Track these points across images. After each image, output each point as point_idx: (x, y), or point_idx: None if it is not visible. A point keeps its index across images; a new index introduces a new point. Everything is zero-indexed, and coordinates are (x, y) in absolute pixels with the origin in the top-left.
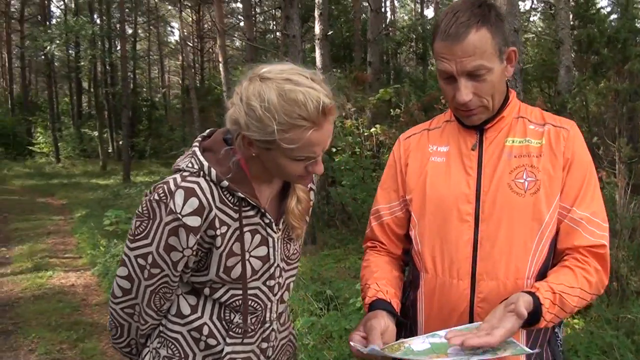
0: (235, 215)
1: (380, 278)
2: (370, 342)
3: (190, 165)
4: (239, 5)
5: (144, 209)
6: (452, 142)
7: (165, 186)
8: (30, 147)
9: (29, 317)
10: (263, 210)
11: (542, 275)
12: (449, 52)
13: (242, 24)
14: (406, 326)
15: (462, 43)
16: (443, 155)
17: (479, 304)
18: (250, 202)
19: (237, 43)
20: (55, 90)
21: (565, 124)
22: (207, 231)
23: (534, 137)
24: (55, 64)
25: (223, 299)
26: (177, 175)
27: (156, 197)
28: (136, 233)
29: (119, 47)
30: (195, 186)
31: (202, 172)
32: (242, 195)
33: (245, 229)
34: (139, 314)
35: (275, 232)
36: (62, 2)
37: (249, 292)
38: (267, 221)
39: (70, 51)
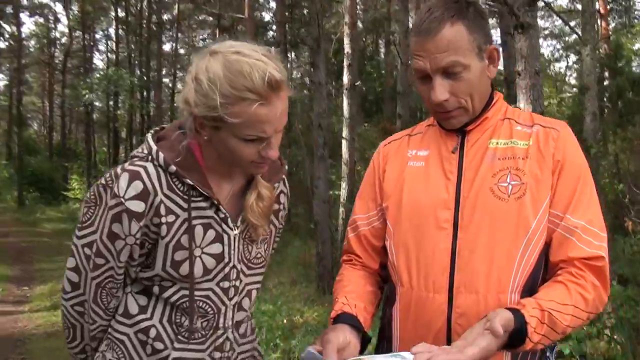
0: (185, 205)
1: (351, 292)
2: (324, 356)
3: (140, 150)
4: None
5: (91, 194)
6: (432, 146)
7: (112, 171)
8: (65, 193)
9: (39, 354)
10: (216, 202)
11: (529, 290)
12: (422, 48)
13: None
14: (383, 345)
15: (435, 38)
16: (422, 160)
17: (457, 320)
18: (202, 191)
19: None
20: (93, 138)
21: (556, 125)
22: (152, 219)
23: (521, 138)
24: (94, 113)
25: (173, 299)
26: (128, 161)
27: (103, 181)
28: (83, 221)
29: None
30: (141, 170)
31: (150, 157)
32: (192, 183)
33: (196, 221)
34: (88, 314)
35: (231, 229)
36: (104, 55)
37: (201, 293)
38: (222, 216)
39: (109, 102)
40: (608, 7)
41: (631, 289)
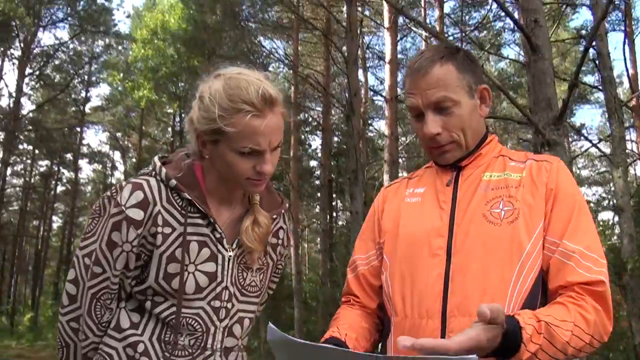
0: (182, 220)
1: (343, 324)
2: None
3: (145, 169)
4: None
5: (97, 206)
6: (428, 184)
7: (119, 184)
8: None
9: None
10: (212, 220)
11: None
12: (414, 86)
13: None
14: None
15: (426, 76)
16: (419, 196)
17: None
18: (199, 208)
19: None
20: None
21: (549, 159)
22: (150, 229)
23: (514, 171)
24: None
25: (163, 315)
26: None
27: (108, 194)
28: (87, 232)
29: None
30: (144, 182)
31: (154, 172)
32: (189, 198)
33: (192, 237)
34: (82, 330)
35: (226, 251)
36: None
37: (192, 310)
38: (218, 236)
39: None
40: None
41: None
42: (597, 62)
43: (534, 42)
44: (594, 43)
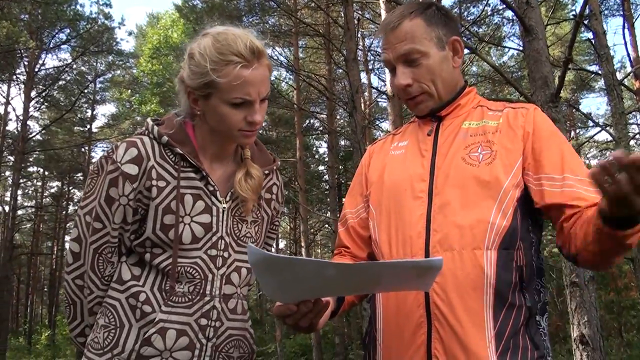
0: (175, 174)
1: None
2: None
3: (139, 129)
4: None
5: (95, 167)
6: (411, 136)
7: (114, 145)
8: None
9: None
10: (205, 174)
11: (507, 247)
12: (385, 41)
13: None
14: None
15: (394, 31)
16: (402, 148)
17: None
18: (192, 162)
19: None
20: None
21: (525, 105)
22: (145, 183)
23: (492, 119)
24: None
25: (163, 265)
26: None
27: (105, 154)
28: (86, 191)
29: None
30: (138, 140)
31: (147, 131)
32: (181, 152)
33: (186, 190)
34: (87, 286)
35: (220, 202)
36: None
37: (189, 260)
38: (211, 189)
39: None
40: None
41: None
42: (593, 42)
43: (527, 23)
44: (588, 22)
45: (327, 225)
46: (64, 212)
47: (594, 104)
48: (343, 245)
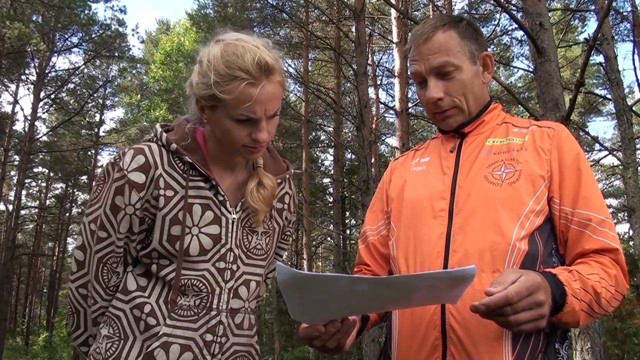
0: (183, 183)
1: None
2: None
3: (148, 135)
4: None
5: (101, 174)
6: (433, 152)
7: (121, 151)
8: None
9: None
10: (214, 183)
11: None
12: (417, 53)
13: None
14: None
15: (428, 42)
16: (424, 165)
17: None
18: (201, 171)
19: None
20: None
21: (552, 125)
22: (152, 192)
23: (517, 136)
24: None
25: (169, 277)
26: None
27: (112, 160)
28: (92, 199)
29: None
30: (145, 147)
31: (155, 138)
32: (190, 161)
33: (195, 200)
34: (91, 295)
35: (230, 213)
36: None
37: (196, 272)
38: (221, 199)
39: None
40: None
41: None
42: (604, 66)
43: (539, 44)
44: (600, 46)
45: (329, 239)
46: (67, 214)
47: (601, 127)
48: (363, 263)
